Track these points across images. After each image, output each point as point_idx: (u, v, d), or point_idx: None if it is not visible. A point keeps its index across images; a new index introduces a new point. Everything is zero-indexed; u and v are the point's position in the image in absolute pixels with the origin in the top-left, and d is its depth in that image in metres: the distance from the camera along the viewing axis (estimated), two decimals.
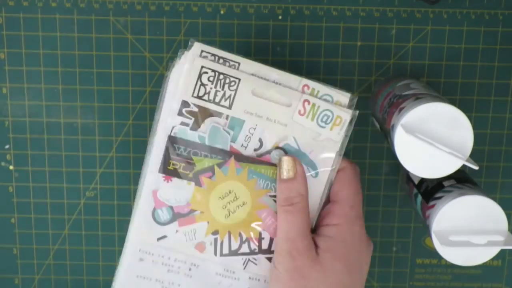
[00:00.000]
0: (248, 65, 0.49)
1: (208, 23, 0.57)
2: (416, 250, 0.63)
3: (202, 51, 0.48)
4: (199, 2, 0.57)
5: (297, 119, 0.49)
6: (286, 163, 0.48)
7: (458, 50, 0.58)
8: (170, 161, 0.49)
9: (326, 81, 0.58)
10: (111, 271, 0.63)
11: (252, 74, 0.49)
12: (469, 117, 0.59)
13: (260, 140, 0.50)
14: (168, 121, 0.49)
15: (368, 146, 0.60)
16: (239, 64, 0.49)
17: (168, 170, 0.49)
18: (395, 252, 0.63)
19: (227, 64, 0.49)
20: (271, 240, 0.50)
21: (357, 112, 0.50)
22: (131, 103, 0.59)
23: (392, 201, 0.61)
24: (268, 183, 0.50)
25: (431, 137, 0.48)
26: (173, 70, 0.49)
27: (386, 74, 0.58)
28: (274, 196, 0.50)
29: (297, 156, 0.50)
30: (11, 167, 0.60)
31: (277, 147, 0.50)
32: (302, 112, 0.49)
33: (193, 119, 0.49)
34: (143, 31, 0.58)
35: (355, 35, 0.58)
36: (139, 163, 0.60)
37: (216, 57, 0.49)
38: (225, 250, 0.50)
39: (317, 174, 0.50)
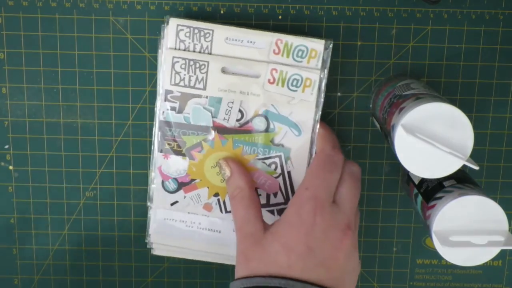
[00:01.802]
0: (222, 30, 0.54)
1: None
2: (416, 250, 0.63)
3: (178, 25, 0.54)
4: (199, 2, 0.57)
5: (268, 87, 0.54)
6: (222, 166, 0.55)
7: (458, 50, 0.58)
8: (165, 141, 0.56)
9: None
10: (111, 271, 0.63)
11: (226, 39, 0.54)
12: (469, 117, 0.59)
13: (241, 111, 0.55)
14: (159, 106, 0.55)
15: (368, 146, 0.60)
16: (213, 31, 0.54)
17: (165, 149, 0.56)
18: (395, 252, 0.63)
19: (202, 33, 0.54)
20: (268, 195, 0.57)
21: (325, 73, 0.54)
22: (130, 103, 0.59)
23: (392, 201, 0.61)
24: (255, 148, 0.56)
25: (431, 137, 0.48)
26: (158, 52, 0.54)
27: (386, 74, 0.58)
28: (262, 159, 0.56)
29: (279, 119, 0.55)
30: (10, 167, 0.60)
31: (258, 115, 0.55)
32: (271, 80, 0.54)
33: (178, 102, 0.55)
34: (143, 31, 0.57)
35: (355, 35, 0.58)
36: (139, 163, 0.60)
37: (191, 28, 0.54)
38: (229, 208, 0.57)
39: (300, 132, 0.55)
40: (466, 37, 0.58)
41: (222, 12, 0.57)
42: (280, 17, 0.57)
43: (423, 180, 0.56)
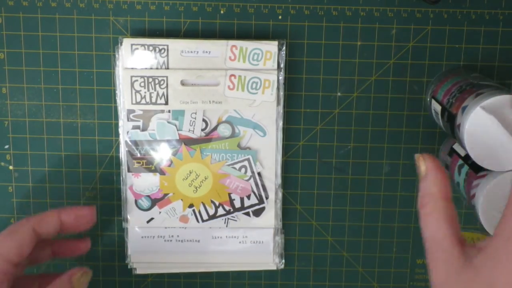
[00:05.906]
0: (176, 44, 0.55)
1: (208, 23, 0.57)
2: (416, 250, 0.63)
3: (132, 44, 0.55)
4: (199, 2, 0.57)
5: (229, 94, 0.56)
6: (417, 161, 0.44)
7: (458, 50, 0.58)
8: (133, 161, 0.57)
9: (325, 82, 0.58)
10: (111, 271, 0.63)
11: (182, 52, 0.55)
12: None
13: (205, 120, 0.57)
14: (122, 127, 0.57)
15: (368, 146, 0.60)
16: (167, 46, 0.55)
17: (134, 169, 0.57)
18: (395, 252, 0.63)
19: (157, 49, 0.55)
20: (241, 199, 0.58)
21: (282, 72, 0.55)
22: None
23: (392, 201, 0.61)
24: (223, 155, 0.57)
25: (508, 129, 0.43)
26: (116, 69, 0.55)
27: (386, 74, 0.58)
28: (232, 164, 0.58)
29: (242, 122, 0.57)
30: (10, 167, 0.60)
31: (222, 122, 0.57)
32: (231, 87, 0.55)
33: (141, 120, 0.56)
34: (143, 31, 0.58)
35: (355, 35, 0.58)
36: None
37: (146, 46, 0.55)
38: (205, 217, 0.59)
39: (264, 133, 0.57)
40: (466, 37, 0.58)
41: (222, 12, 0.57)
42: (280, 17, 0.57)
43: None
